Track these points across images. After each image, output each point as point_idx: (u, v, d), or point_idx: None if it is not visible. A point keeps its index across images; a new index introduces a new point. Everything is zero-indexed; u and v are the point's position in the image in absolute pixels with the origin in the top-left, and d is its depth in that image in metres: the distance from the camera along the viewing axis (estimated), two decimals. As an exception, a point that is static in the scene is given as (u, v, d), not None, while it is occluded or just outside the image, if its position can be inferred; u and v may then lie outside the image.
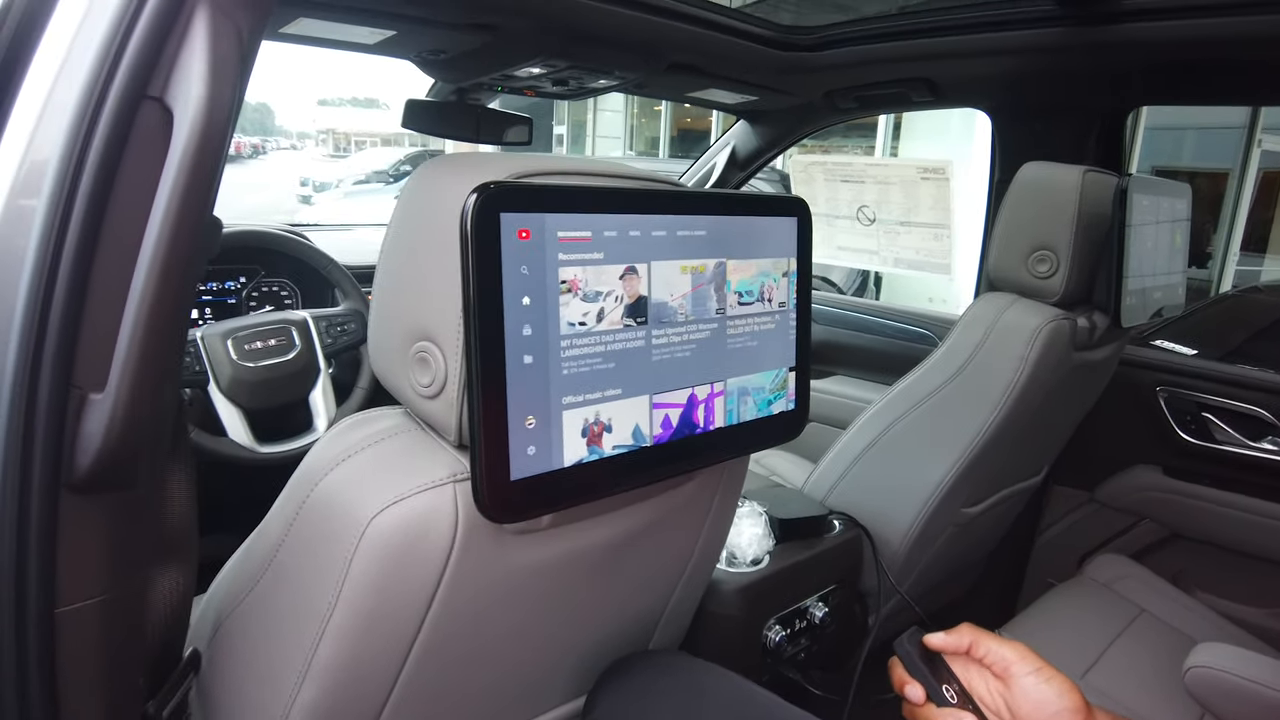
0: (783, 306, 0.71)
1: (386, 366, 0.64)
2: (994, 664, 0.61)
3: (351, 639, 0.61)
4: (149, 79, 0.50)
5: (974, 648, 0.62)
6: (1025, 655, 0.60)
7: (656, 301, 0.60)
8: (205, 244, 0.60)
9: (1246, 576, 1.58)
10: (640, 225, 0.59)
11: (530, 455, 0.55)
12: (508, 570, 0.65)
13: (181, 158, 0.48)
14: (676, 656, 0.81)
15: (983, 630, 0.63)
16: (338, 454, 0.62)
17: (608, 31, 1.32)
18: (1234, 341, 3.06)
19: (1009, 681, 0.60)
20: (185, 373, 1.34)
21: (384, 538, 0.57)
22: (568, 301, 0.55)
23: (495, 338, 0.52)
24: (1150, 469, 1.67)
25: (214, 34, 0.50)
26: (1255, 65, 1.37)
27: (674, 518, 0.79)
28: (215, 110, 0.49)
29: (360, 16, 1.17)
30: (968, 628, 0.63)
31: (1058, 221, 1.20)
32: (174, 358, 0.57)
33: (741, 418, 0.69)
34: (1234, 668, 1.01)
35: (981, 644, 0.62)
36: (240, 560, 0.72)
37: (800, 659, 1.24)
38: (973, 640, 0.62)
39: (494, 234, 0.51)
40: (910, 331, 2.10)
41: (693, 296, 0.63)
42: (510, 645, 0.72)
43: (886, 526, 1.34)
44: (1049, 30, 1.40)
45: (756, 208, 0.68)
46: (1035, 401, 1.24)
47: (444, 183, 0.57)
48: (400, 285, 0.61)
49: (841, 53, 1.65)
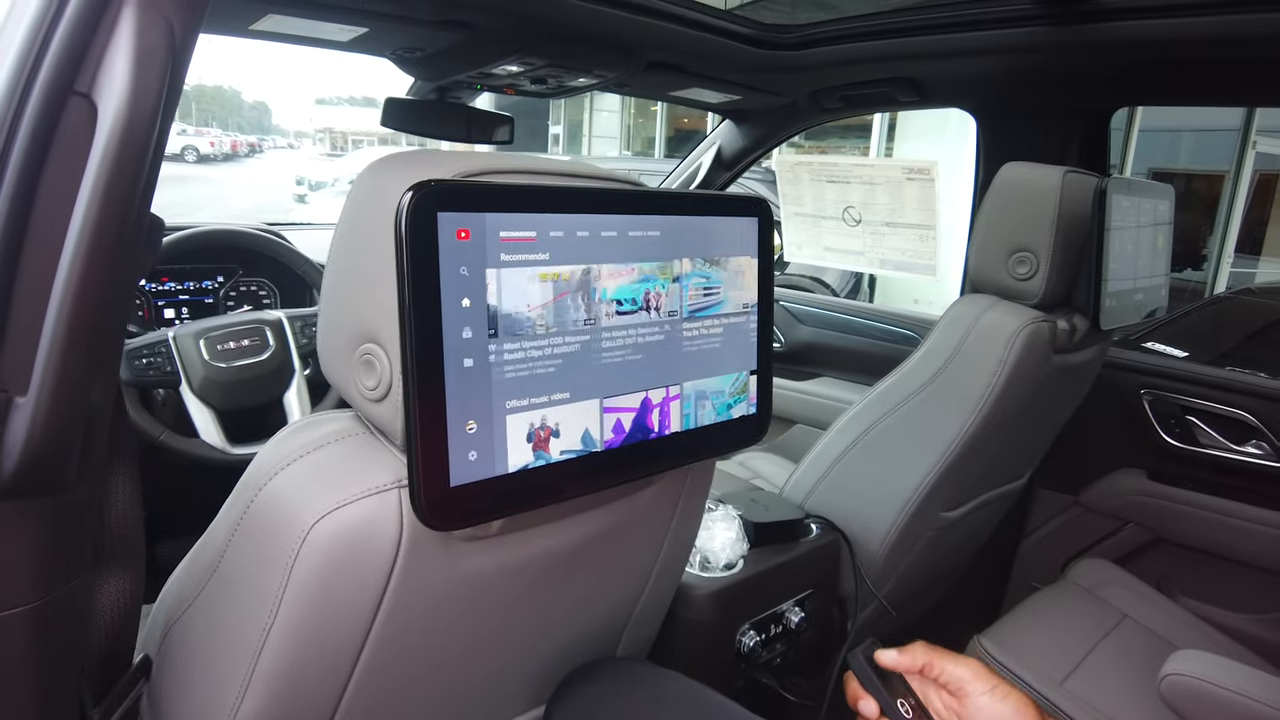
0: (742, 309, 0.69)
1: (334, 369, 0.62)
2: (949, 683, 0.60)
3: (293, 649, 0.59)
4: (76, 74, 0.49)
5: (928, 668, 0.61)
6: (980, 674, 0.59)
7: (605, 302, 0.59)
8: (145, 243, 0.59)
9: (1230, 581, 1.57)
10: (589, 225, 0.57)
11: (471, 461, 0.53)
12: (458, 577, 0.63)
13: (104, 153, 0.47)
14: (638, 665, 0.80)
15: (936, 649, 0.61)
16: (282, 458, 0.60)
17: (585, 29, 1.30)
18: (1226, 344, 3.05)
19: (963, 700, 0.59)
20: (157, 373, 1.33)
21: (325, 545, 0.56)
22: (510, 302, 0.53)
23: (432, 340, 0.50)
24: (1135, 473, 1.66)
25: (141, 27, 0.48)
26: (1239, 64, 1.35)
27: (636, 523, 0.77)
28: (139, 104, 0.47)
29: (331, 13, 1.15)
30: (921, 646, 0.62)
31: (1037, 223, 1.18)
32: (105, 359, 0.55)
33: (699, 422, 0.68)
34: (1210, 675, 1.00)
35: (935, 664, 0.60)
36: (188, 565, 0.70)
37: (776, 664, 1.23)
38: (926, 661, 0.61)
39: (430, 233, 0.49)
40: (896, 333, 2.09)
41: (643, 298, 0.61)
42: (464, 654, 0.71)
43: (865, 530, 1.33)
44: (1031, 29, 1.39)
45: (714, 207, 0.67)
46: (1015, 405, 1.23)
47: (385, 180, 0.56)
48: (345, 286, 0.60)
49: (825, 52, 1.63)
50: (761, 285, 0.71)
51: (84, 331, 0.49)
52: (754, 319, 0.71)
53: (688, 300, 0.65)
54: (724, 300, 0.68)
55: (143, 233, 0.56)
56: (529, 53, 1.31)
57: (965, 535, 1.55)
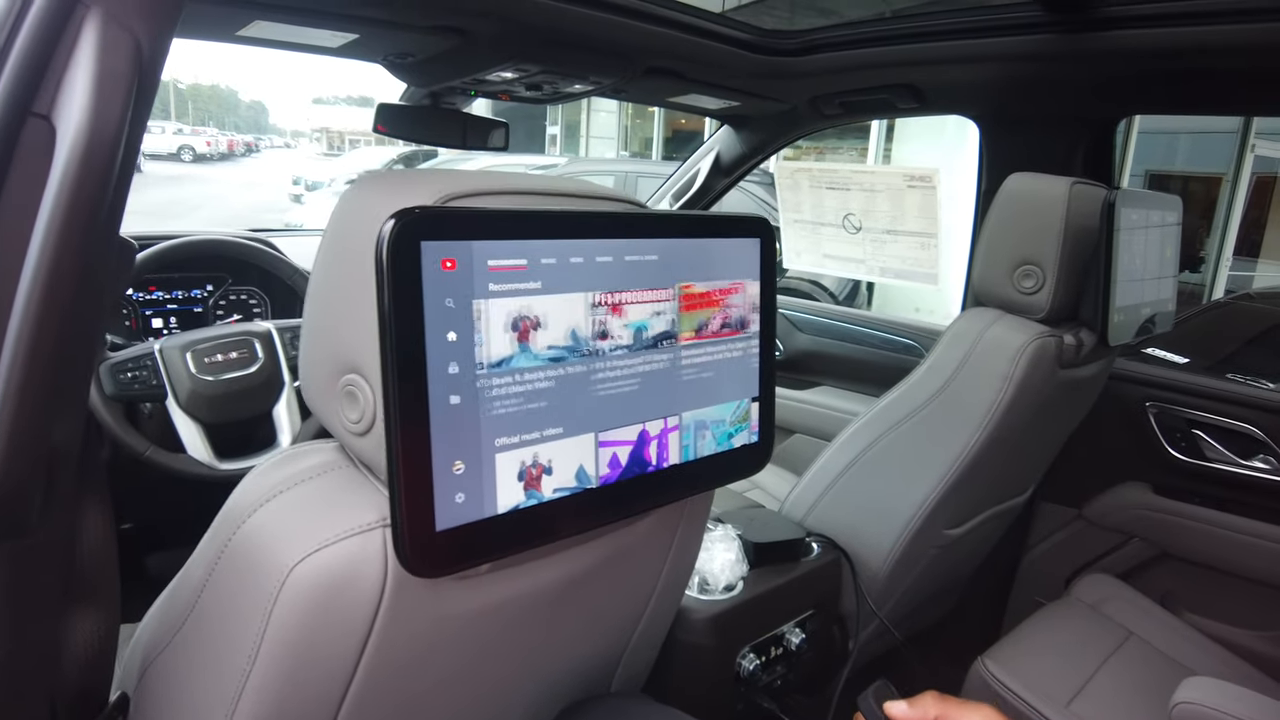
0: (744, 333, 0.66)
1: (316, 399, 0.59)
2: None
3: (273, 696, 0.56)
4: (34, 95, 0.46)
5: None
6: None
7: (601, 333, 0.56)
8: (114, 269, 0.56)
9: (1236, 598, 1.54)
10: (583, 251, 0.54)
11: (459, 503, 0.50)
12: (445, 618, 0.60)
13: (63, 178, 0.44)
14: (632, 702, 0.77)
15: (948, 698, 0.58)
16: (263, 493, 0.57)
17: (580, 35, 1.27)
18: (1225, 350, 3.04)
19: None
20: (142, 387, 1.29)
21: (305, 589, 0.53)
22: (499, 336, 0.50)
23: (416, 378, 0.47)
24: (1139, 486, 1.63)
25: (103, 46, 0.45)
26: (1246, 74, 1.33)
27: (633, 553, 0.74)
28: (100, 127, 0.44)
29: (320, 19, 1.12)
30: (932, 697, 0.59)
31: (1044, 235, 1.16)
32: (70, 394, 0.52)
33: (699, 453, 0.65)
34: (1223, 705, 0.97)
35: (949, 716, 0.57)
36: (166, 601, 0.67)
37: (776, 686, 1.20)
38: (939, 713, 0.57)
39: (414, 264, 0.46)
40: (897, 342, 2.06)
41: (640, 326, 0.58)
42: (453, 694, 0.68)
43: (866, 548, 1.30)
44: (1037, 37, 1.36)
45: (714, 229, 0.64)
46: (1020, 421, 1.20)
47: (366, 204, 0.53)
48: (326, 313, 0.57)
49: (825, 58, 1.61)
50: (764, 309, 0.68)
51: (44, 367, 0.46)
52: (756, 344, 0.68)
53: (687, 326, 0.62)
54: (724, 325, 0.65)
55: (111, 258, 0.53)
56: (523, 59, 1.28)
57: (967, 551, 1.52)
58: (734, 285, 0.65)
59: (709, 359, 0.64)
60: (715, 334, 0.64)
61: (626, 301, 0.57)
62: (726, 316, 0.65)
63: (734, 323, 0.66)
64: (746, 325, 0.67)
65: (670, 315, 0.60)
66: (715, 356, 0.65)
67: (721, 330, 0.65)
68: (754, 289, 0.67)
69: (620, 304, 0.57)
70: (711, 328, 0.64)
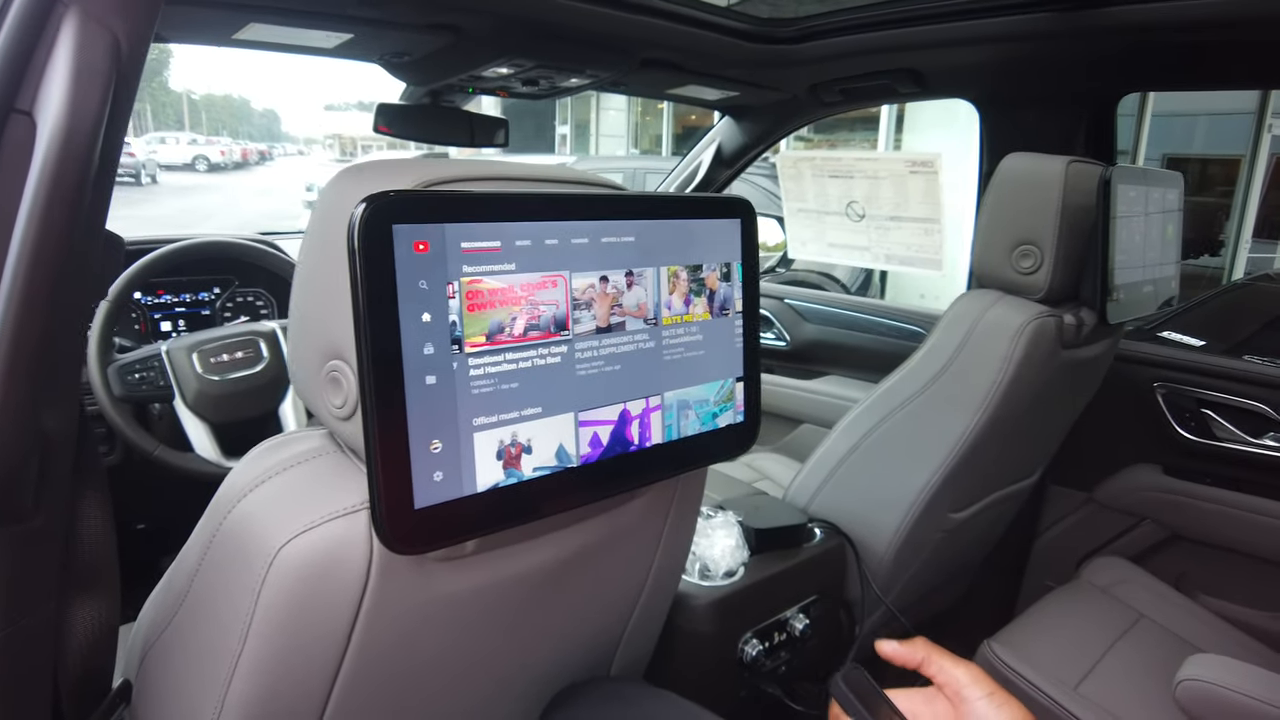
0: (726, 313, 0.67)
1: (304, 386, 0.60)
2: (945, 684, 0.57)
3: (264, 676, 0.57)
4: (16, 92, 0.47)
5: (925, 663, 0.59)
6: (978, 678, 0.56)
7: (578, 313, 0.56)
8: (101, 262, 0.57)
9: (1250, 579, 1.52)
10: (558, 233, 0.55)
11: (437, 481, 0.51)
12: (433, 600, 0.61)
13: (41, 171, 0.45)
14: (629, 685, 0.77)
15: (936, 646, 0.59)
16: (253, 479, 0.59)
17: (574, 28, 1.28)
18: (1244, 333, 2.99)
19: (960, 705, 0.56)
20: (150, 388, 1.32)
21: (292, 569, 0.54)
22: (475, 316, 0.51)
23: (391, 358, 0.48)
24: (1149, 468, 1.62)
25: (81, 41, 0.47)
26: (1251, 47, 1.31)
27: (625, 536, 0.75)
28: (78, 120, 0.45)
29: (315, 20, 1.14)
30: (922, 642, 0.60)
31: (1041, 215, 1.15)
32: (58, 383, 0.53)
33: (682, 433, 0.65)
34: (1227, 681, 0.97)
35: (934, 661, 0.58)
36: (164, 587, 0.69)
37: (780, 672, 1.20)
38: (924, 656, 0.59)
39: (385, 247, 0.47)
40: (904, 329, 2.05)
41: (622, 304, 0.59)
42: (447, 675, 0.69)
43: (870, 533, 1.30)
44: (1035, 15, 1.35)
45: (693, 209, 0.64)
46: (1022, 402, 1.19)
47: (344, 192, 0.54)
48: (311, 301, 0.58)
49: (823, 45, 1.60)
50: (746, 289, 0.68)
51: (28, 356, 0.47)
52: (739, 324, 0.68)
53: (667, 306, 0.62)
54: (706, 306, 0.65)
55: (96, 251, 0.54)
56: (518, 54, 1.29)
57: (975, 536, 1.52)
58: (715, 266, 0.65)
59: (691, 339, 0.65)
60: (697, 314, 0.65)
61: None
62: (708, 297, 0.65)
63: (716, 302, 0.66)
64: (729, 305, 0.67)
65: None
66: (697, 336, 0.65)
67: (703, 310, 0.65)
68: (736, 269, 0.67)
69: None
70: (693, 308, 0.64)
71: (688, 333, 0.64)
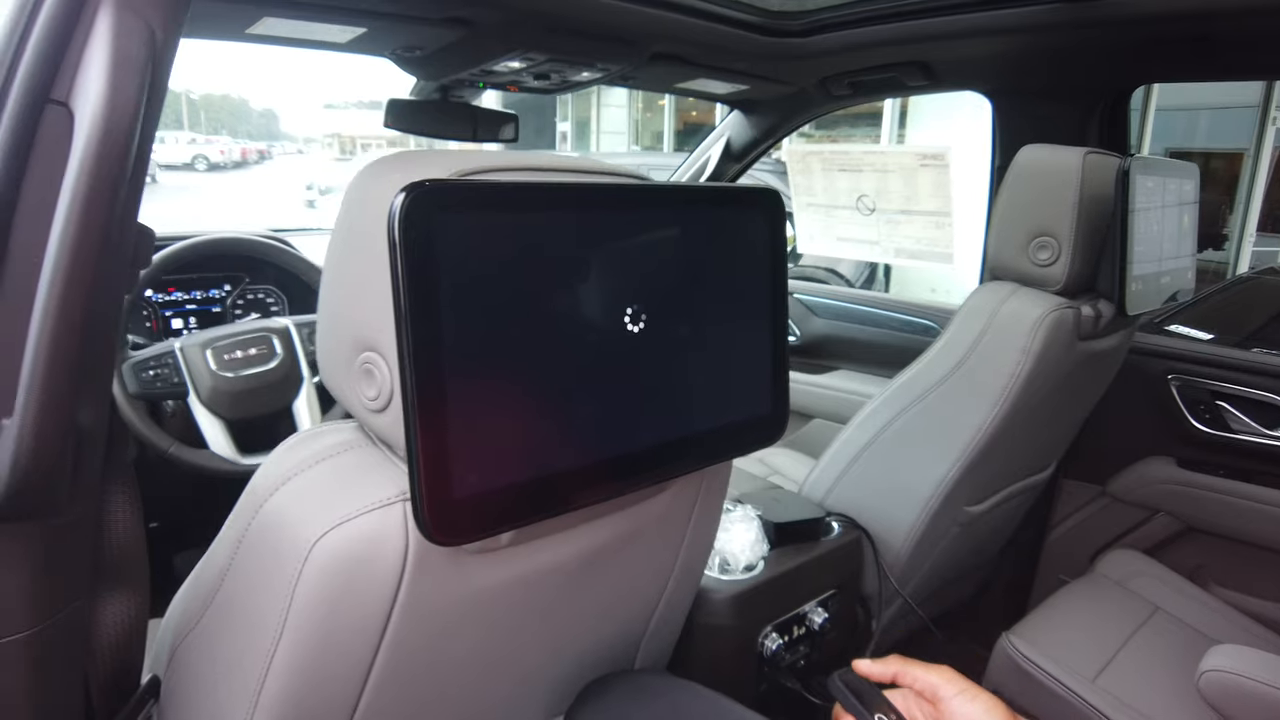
0: (754, 305, 0.66)
1: (335, 379, 0.60)
2: (923, 690, 0.63)
3: (300, 671, 0.57)
4: (52, 82, 0.47)
5: (900, 676, 0.65)
6: (951, 678, 0.63)
7: (614, 304, 0.56)
8: (133, 254, 0.57)
9: (1266, 570, 1.52)
10: (594, 222, 0.55)
11: (476, 471, 0.51)
12: (468, 592, 0.61)
13: (81, 162, 0.45)
14: (656, 677, 0.77)
15: (908, 659, 0.66)
16: (284, 473, 0.58)
17: (585, 22, 1.28)
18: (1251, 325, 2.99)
19: (939, 705, 0.62)
20: (164, 385, 1.31)
21: (327, 563, 0.54)
22: (514, 307, 0.51)
23: (433, 349, 0.48)
24: (1163, 461, 1.62)
25: (118, 32, 0.46)
26: (1269, 37, 1.31)
27: (650, 530, 0.75)
28: (117, 111, 0.45)
29: (329, 14, 1.13)
30: (895, 658, 0.67)
31: (1058, 206, 1.14)
32: (94, 377, 0.53)
33: (711, 424, 0.65)
34: (1251, 671, 0.97)
35: (908, 672, 0.65)
36: (192, 584, 0.69)
37: (799, 666, 1.20)
38: (898, 670, 0.65)
39: (428, 236, 0.47)
40: (915, 324, 2.05)
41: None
42: (478, 669, 0.69)
43: (887, 527, 1.29)
44: (1048, 7, 1.34)
45: (722, 200, 0.64)
46: (1039, 395, 1.19)
47: (379, 182, 0.53)
48: (341, 294, 0.58)
49: (833, 37, 1.59)
50: (774, 280, 0.68)
51: (69, 348, 0.47)
52: (766, 315, 0.68)
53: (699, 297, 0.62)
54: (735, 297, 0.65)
55: (129, 244, 0.54)
56: (530, 48, 1.28)
57: (990, 529, 1.51)
58: (744, 257, 0.65)
59: (719, 330, 0.64)
60: (726, 305, 0.64)
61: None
62: (736, 288, 0.65)
63: (744, 295, 0.66)
64: (757, 296, 0.67)
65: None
66: (726, 327, 0.65)
67: (732, 302, 0.65)
68: (764, 261, 0.67)
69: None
70: (722, 299, 0.64)
71: (717, 323, 0.64)
